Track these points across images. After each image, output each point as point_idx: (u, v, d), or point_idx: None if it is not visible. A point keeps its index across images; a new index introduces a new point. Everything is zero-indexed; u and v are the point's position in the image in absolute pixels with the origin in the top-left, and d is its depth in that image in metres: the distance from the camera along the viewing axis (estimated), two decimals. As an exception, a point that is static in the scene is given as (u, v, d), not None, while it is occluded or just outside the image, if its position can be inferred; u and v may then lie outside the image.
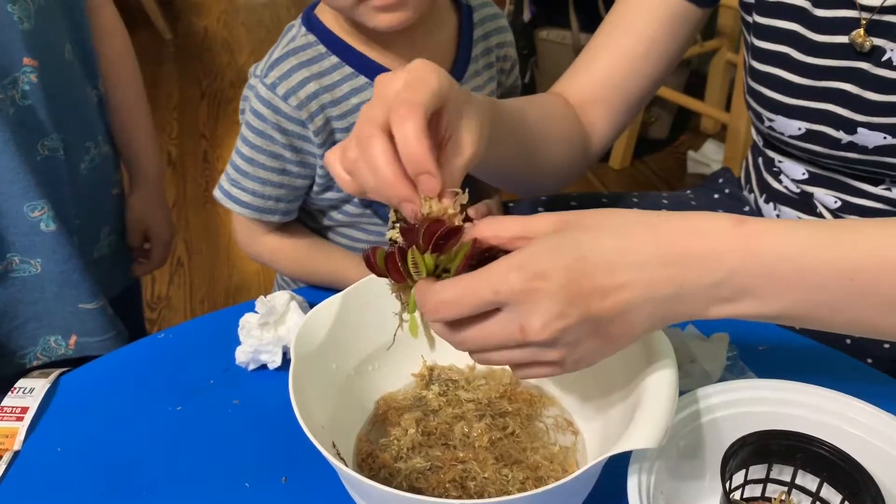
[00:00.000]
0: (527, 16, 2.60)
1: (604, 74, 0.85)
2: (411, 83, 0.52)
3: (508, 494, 0.56)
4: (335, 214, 0.87)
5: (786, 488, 0.57)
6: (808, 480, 0.55)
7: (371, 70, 0.79)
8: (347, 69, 0.78)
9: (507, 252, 0.50)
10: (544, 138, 0.78)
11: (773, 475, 0.57)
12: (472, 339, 0.50)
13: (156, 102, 2.91)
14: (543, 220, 0.51)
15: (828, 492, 0.55)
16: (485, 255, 0.50)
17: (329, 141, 0.79)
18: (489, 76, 0.87)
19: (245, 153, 0.80)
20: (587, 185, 2.35)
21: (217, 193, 0.84)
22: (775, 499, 0.57)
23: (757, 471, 0.56)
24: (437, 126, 0.55)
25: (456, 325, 0.50)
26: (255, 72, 0.79)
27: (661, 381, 0.53)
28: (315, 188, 0.83)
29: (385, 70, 0.78)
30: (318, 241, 0.89)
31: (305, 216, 0.89)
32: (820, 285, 0.49)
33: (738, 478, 0.56)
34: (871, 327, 0.52)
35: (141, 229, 1.10)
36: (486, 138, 0.58)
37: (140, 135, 1.08)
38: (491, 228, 0.51)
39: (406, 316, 0.55)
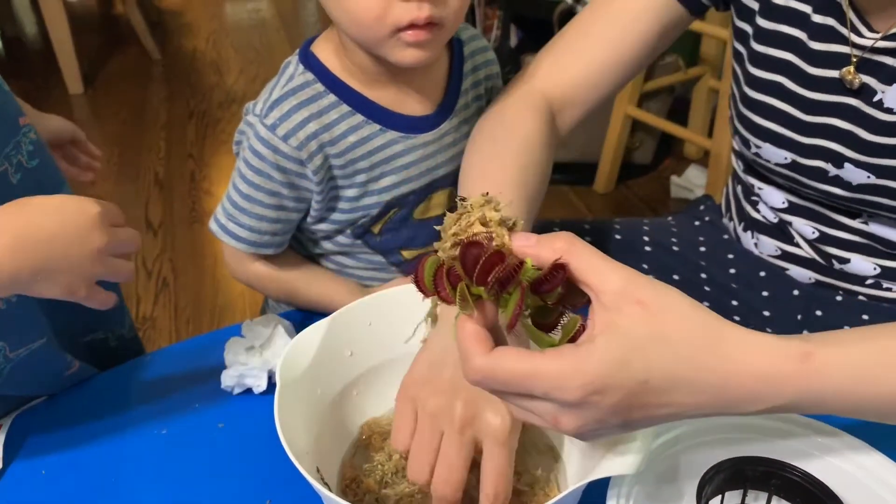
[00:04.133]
0: (513, 41, 2.63)
1: (592, 74, 0.85)
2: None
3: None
4: (326, 244, 0.88)
5: (760, 513, 0.58)
6: (783, 506, 0.57)
7: (367, 108, 0.80)
8: (345, 108, 0.79)
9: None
10: (543, 177, 0.80)
11: (748, 501, 0.58)
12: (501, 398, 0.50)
13: (143, 122, 2.92)
14: (620, 280, 0.47)
15: (801, 517, 0.56)
16: (550, 277, 0.46)
17: (326, 177, 0.80)
18: (477, 107, 0.89)
19: (242, 190, 0.80)
20: (572, 208, 2.37)
21: (213, 227, 0.84)
22: (751, 524, 0.58)
23: (733, 497, 0.58)
24: None
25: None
26: (255, 110, 0.79)
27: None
28: (309, 220, 0.84)
29: (380, 108, 0.80)
30: (306, 267, 0.89)
31: (296, 243, 0.90)
32: (868, 410, 0.51)
33: (715, 502, 0.58)
34: None
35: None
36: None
37: None
38: (572, 248, 0.47)
39: (444, 310, 0.51)
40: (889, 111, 0.74)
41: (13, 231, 0.57)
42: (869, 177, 0.77)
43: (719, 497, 0.57)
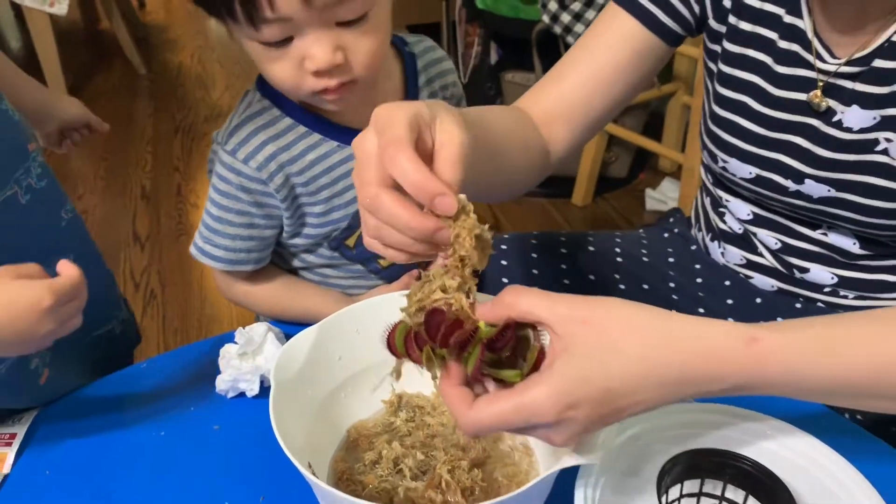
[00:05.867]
0: (494, 58, 2.68)
1: (569, 95, 0.88)
2: (384, 127, 0.53)
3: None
4: (308, 257, 0.92)
5: (717, 501, 0.63)
6: (737, 494, 0.62)
7: (323, 127, 0.84)
8: (301, 128, 0.83)
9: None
10: (505, 140, 0.79)
11: (705, 489, 0.63)
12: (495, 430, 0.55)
13: (130, 136, 2.94)
14: (566, 309, 0.52)
15: (753, 503, 0.61)
16: (502, 335, 0.52)
17: (290, 195, 0.85)
18: None
19: (214, 213, 0.86)
20: (550, 220, 2.42)
21: (192, 251, 0.89)
22: (708, 511, 0.63)
23: (691, 486, 0.63)
24: (423, 146, 0.55)
25: None
26: (217, 139, 0.84)
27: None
28: (284, 235, 0.89)
29: (336, 125, 0.84)
30: (292, 282, 0.93)
31: (279, 259, 0.94)
32: (813, 391, 0.56)
33: (675, 492, 0.62)
34: (862, 408, 0.60)
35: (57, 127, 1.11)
36: (467, 128, 0.56)
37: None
38: (515, 301, 0.53)
39: (409, 368, 0.57)
40: (848, 130, 0.80)
41: None
42: (829, 190, 0.83)
43: (678, 487, 0.62)
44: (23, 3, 2.75)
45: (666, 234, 1.11)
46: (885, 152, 0.78)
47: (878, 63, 0.76)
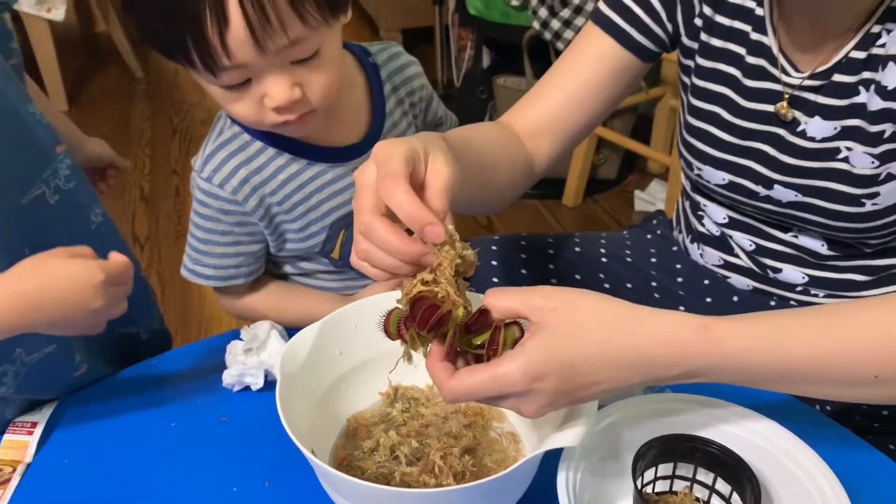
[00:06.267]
0: (486, 62, 2.72)
1: (552, 110, 0.94)
2: (382, 162, 0.60)
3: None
4: (302, 264, 0.97)
5: (689, 483, 0.68)
6: (707, 476, 0.67)
7: (291, 147, 0.89)
8: (271, 150, 0.88)
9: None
10: (491, 159, 0.84)
11: (678, 472, 0.68)
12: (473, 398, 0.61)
13: (128, 139, 2.96)
14: (539, 300, 0.59)
15: (721, 484, 0.66)
16: (476, 318, 0.60)
17: (267, 215, 0.90)
18: (407, 122, 0.96)
19: (199, 236, 0.91)
20: (542, 220, 2.46)
21: (184, 273, 0.94)
22: (681, 492, 0.69)
23: (665, 469, 0.68)
24: (417, 178, 0.62)
25: None
26: (195, 166, 0.89)
27: (584, 395, 0.65)
28: (271, 249, 0.94)
29: (303, 144, 0.89)
30: (290, 289, 0.98)
31: (275, 267, 0.99)
32: (763, 377, 0.62)
33: (650, 475, 0.68)
34: (812, 395, 0.66)
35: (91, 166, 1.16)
36: (454, 160, 0.64)
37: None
38: (494, 302, 0.60)
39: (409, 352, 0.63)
40: (811, 139, 0.85)
41: (27, 295, 0.69)
42: (796, 195, 0.88)
43: (653, 469, 0.68)
44: (20, 8, 2.78)
45: (649, 236, 1.16)
46: (845, 160, 0.83)
47: (837, 77, 0.82)
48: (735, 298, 1.02)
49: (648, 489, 0.68)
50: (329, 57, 0.79)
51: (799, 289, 0.97)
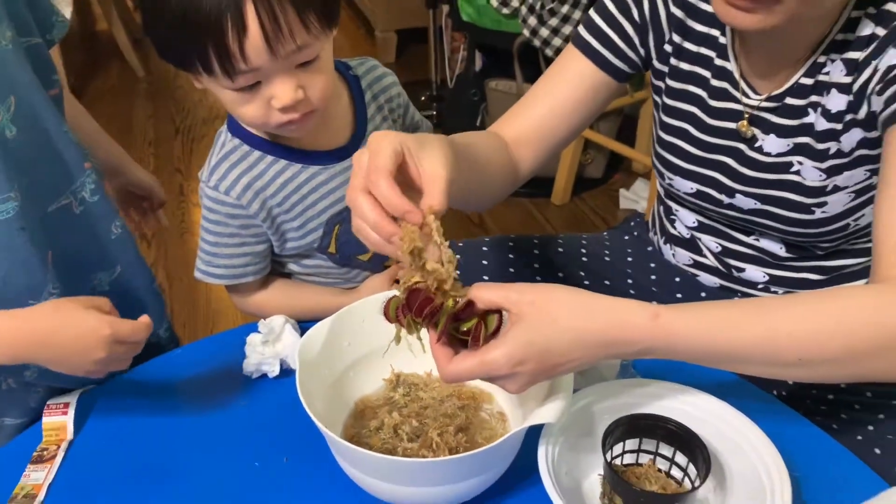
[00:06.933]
0: (478, 65, 2.78)
1: (535, 123, 1.02)
2: (373, 154, 0.68)
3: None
4: (305, 261, 1.06)
5: (652, 456, 0.78)
6: (668, 450, 0.77)
7: (286, 153, 0.98)
8: (269, 158, 0.98)
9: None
10: (487, 164, 0.93)
11: (643, 447, 0.78)
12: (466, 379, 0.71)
13: (132, 139, 3.00)
14: (517, 295, 0.69)
15: (679, 457, 0.76)
16: (464, 308, 0.69)
17: (270, 216, 0.99)
18: (387, 127, 1.05)
19: (210, 240, 1.00)
20: (531, 218, 2.52)
21: (197, 274, 1.02)
22: (645, 464, 0.79)
23: (632, 444, 0.78)
24: (408, 172, 0.70)
25: None
26: (202, 177, 0.98)
27: (560, 381, 0.75)
28: (275, 248, 1.03)
29: (297, 150, 0.99)
30: (295, 286, 1.07)
31: (281, 267, 1.07)
32: (712, 358, 0.73)
33: (618, 449, 0.78)
34: (750, 373, 0.76)
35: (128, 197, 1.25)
36: (453, 161, 0.71)
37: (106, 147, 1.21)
38: (479, 294, 0.69)
39: (404, 333, 0.72)
40: (767, 154, 0.95)
41: (39, 333, 0.78)
42: (756, 203, 0.98)
43: (621, 444, 0.78)
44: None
45: (626, 237, 1.25)
46: (797, 173, 0.93)
47: (789, 101, 0.92)
48: (703, 294, 1.11)
49: (617, 462, 0.78)
50: (326, 62, 0.89)
51: (760, 286, 1.06)
